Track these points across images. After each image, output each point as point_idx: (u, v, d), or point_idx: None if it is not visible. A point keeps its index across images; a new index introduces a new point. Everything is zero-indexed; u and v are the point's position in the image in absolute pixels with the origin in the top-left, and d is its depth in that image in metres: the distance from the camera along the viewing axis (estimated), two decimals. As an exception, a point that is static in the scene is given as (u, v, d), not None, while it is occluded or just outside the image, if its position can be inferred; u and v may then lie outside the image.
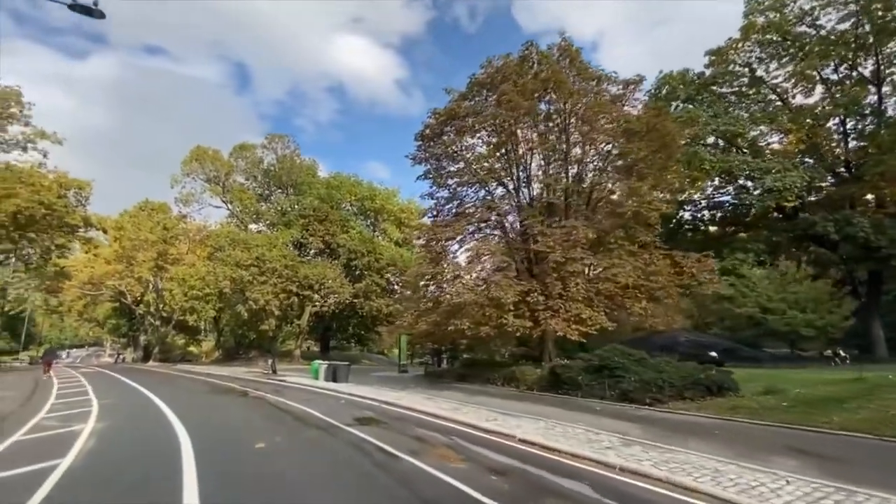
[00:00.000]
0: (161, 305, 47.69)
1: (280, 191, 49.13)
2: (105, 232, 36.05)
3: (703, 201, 33.68)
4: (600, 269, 17.94)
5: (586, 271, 18.23)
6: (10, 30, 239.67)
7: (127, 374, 26.88)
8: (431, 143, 22.85)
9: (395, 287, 49.07)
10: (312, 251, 45.32)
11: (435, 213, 23.33)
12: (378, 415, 11.56)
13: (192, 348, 61.21)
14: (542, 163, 22.03)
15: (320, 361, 21.77)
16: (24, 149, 29.81)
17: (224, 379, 23.60)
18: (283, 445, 8.13)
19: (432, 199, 23.48)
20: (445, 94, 22.73)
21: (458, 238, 21.07)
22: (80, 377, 23.11)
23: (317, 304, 39.78)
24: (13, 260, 48.41)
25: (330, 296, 40.87)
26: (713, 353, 22.93)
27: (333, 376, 20.12)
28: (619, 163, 19.14)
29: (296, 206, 45.83)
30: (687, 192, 28.54)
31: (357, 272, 44.85)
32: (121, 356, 68.58)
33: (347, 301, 41.42)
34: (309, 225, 43.65)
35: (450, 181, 23.11)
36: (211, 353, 54.11)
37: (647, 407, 12.22)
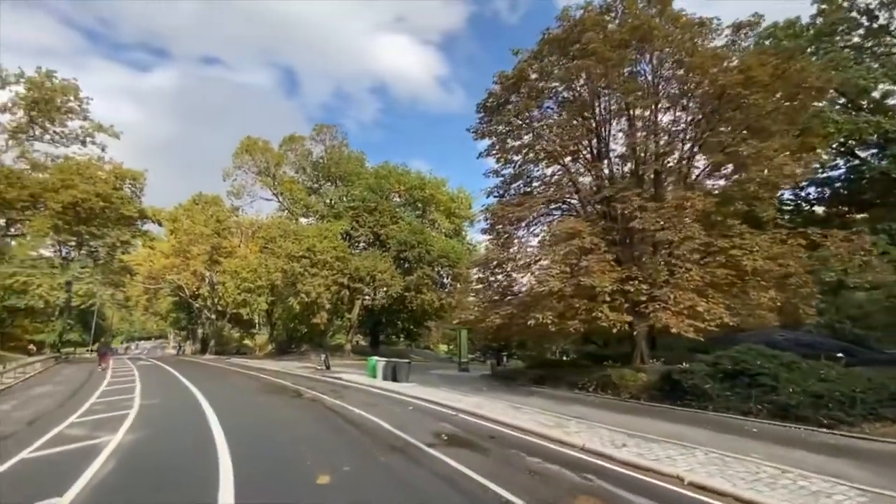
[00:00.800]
0: (216, 299, 48.23)
1: (329, 183, 48.18)
2: (160, 224, 36.34)
3: (805, 177, 28.81)
4: (715, 251, 14.53)
5: (698, 255, 14.88)
6: (83, 47, 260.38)
7: (181, 367, 26.27)
8: (496, 114, 20.16)
9: (445, 281, 46.97)
10: (362, 243, 43.97)
11: (501, 192, 20.66)
12: (463, 430, 9.11)
13: (247, 341, 62.18)
14: (626, 128, 18.78)
15: (377, 358, 19.77)
16: (83, 143, 30.05)
17: (276, 375, 22.22)
18: (352, 480, 5.82)
19: (497, 176, 20.83)
20: (495, 77, 19.77)
21: (526, 221, 18.33)
22: (134, 371, 22.48)
23: (368, 297, 38.28)
24: (76, 255, 50.65)
25: (381, 289, 39.28)
26: (839, 355, 18.80)
27: (393, 375, 18.00)
28: (737, 118, 15.51)
29: (345, 198, 44.64)
30: (805, 162, 24.12)
31: (407, 265, 43.07)
32: (182, 349, 71.32)
33: (398, 294, 39.65)
34: (358, 216, 42.25)
35: (516, 156, 20.40)
36: (264, 347, 54.41)
37: (825, 430, 9.00)
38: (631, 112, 17.65)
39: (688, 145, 18.16)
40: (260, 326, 62.85)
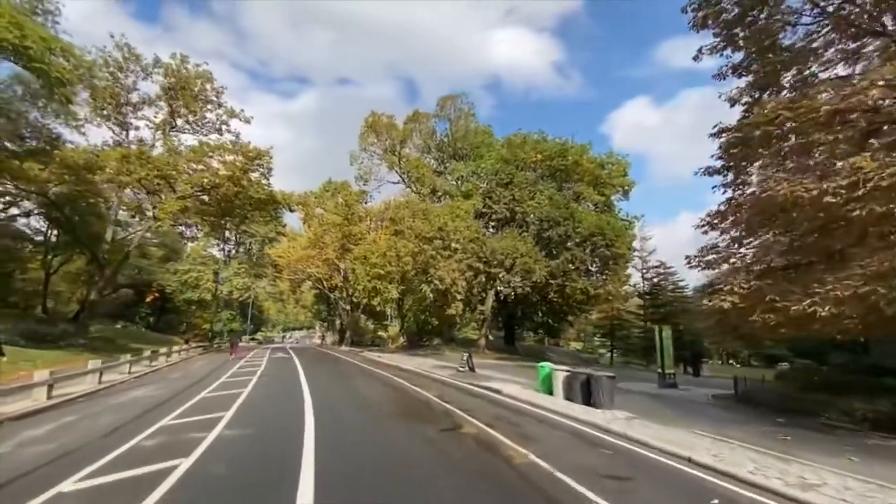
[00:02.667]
0: (349, 290, 47.43)
1: (456, 161, 43.56)
2: (291, 210, 35.63)
3: None
4: None
5: None
6: (247, 84, 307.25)
7: (310, 363, 23.47)
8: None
9: (591, 268, 38.49)
10: (494, 223, 38.17)
11: (749, 101, 12.60)
12: None
13: (380, 333, 61.93)
14: None
15: (552, 366, 13.46)
16: (220, 131, 29.56)
17: (413, 378, 17.41)
18: None
19: (740, 76, 12.78)
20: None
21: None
22: (260, 367, 19.84)
23: (507, 284, 32.30)
24: (235, 252, 54.61)
25: (520, 275, 32.96)
26: None
27: (585, 395, 11.49)
28: None
29: (474, 174, 39.34)
30: None
31: (550, 246, 36.05)
32: (324, 339, 75.08)
33: (543, 281, 32.80)
34: (491, 192, 36.63)
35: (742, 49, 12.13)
36: (396, 339, 52.59)
37: None
38: None
39: None
40: (391, 318, 62.00)
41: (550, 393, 12.99)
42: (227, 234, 47.26)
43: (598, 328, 65.79)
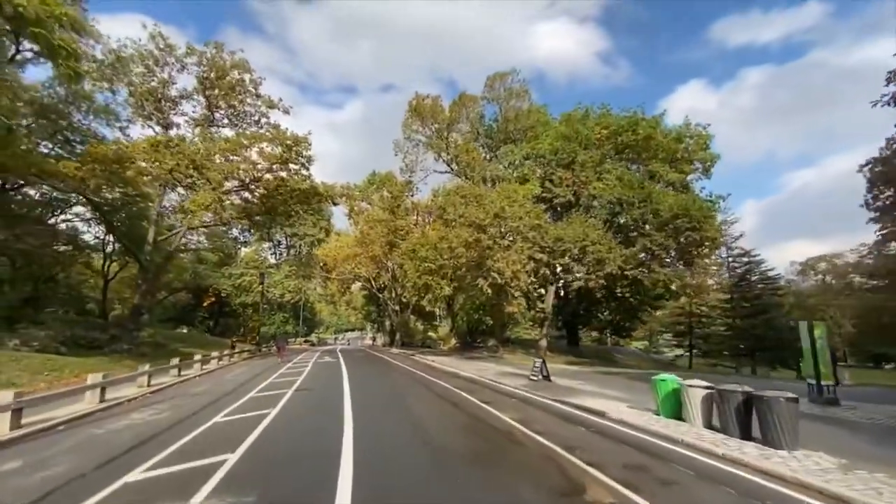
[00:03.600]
0: (398, 290, 45.13)
1: (509, 145, 39.87)
2: (335, 203, 33.56)
3: None
4: None
5: None
6: (297, 98, 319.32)
7: (358, 369, 20.90)
8: None
9: (667, 258, 33.32)
10: (553, 209, 34.04)
11: None
12: None
13: (430, 333, 59.48)
14: None
15: (678, 380, 9.70)
16: (258, 123, 27.91)
17: (478, 390, 14.17)
18: None
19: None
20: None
21: None
22: (301, 375, 17.42)
23: (577, 277, 28.26)
24: (279, 254, 54.05)
25: (590, 265, 28.75)
26: None
27: (744, 425, 7.73)
28: None
29: (529, 156, 35.44)
30: None
31: (623, 233, 31.51)
32: (375, 340, 73.90)
33: (618, 272, 28.36)
34: (551, 174, 32.70)
35: None
36: (448, 340, 49.71)
37: None
38: None
39: None
40: (440, 318, 59.34)
41: (679, 418, 9.27)
42: (276, 237, 46.56)
43: (668, 326, 59.32)
